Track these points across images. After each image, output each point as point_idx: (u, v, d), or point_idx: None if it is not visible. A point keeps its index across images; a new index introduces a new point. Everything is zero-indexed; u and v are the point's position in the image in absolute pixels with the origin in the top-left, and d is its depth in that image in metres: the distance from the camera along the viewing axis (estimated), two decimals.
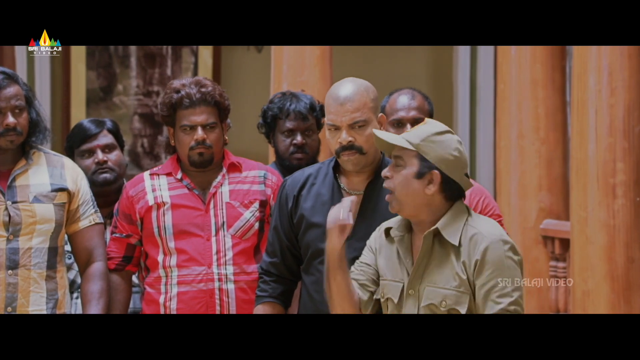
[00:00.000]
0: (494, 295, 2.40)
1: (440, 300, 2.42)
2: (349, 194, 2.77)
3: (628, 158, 3.73)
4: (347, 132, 2.70)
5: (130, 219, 3.07)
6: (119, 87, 6.02)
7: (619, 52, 3.72)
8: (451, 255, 2.44)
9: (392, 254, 2.53)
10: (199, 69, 6.01)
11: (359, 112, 2.71)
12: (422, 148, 2.48)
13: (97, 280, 2.96)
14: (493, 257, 2.41)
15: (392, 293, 2.50)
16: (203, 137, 3.02)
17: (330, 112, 2.73)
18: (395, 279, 2.51)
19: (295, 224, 2.81)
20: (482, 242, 2.43)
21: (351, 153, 2.72)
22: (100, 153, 3.28)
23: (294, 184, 2.84)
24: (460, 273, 2.43)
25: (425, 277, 2.46)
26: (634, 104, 3.76)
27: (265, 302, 2.83)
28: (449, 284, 2.43)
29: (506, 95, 4.47)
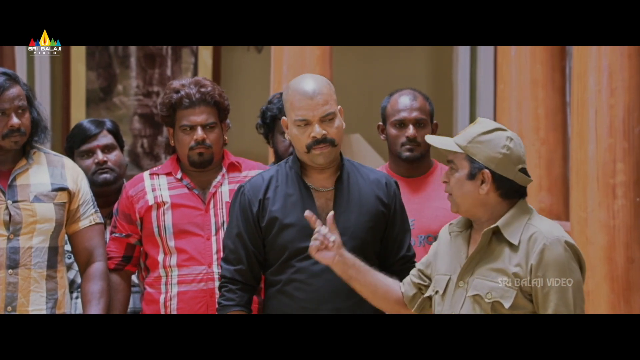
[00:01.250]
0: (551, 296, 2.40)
1: (487, 292, 2.43)
2: (318, 191, 2.79)
3: (628, 158, 3.73)
4: (319, 125, 2.73)
5: (130, 218, 3.07)
6: (119, 88, 6.02)
7: (619, 52, 3.72)
8: (507, 253, 2.45)
9: (448, 250, 2.56)
10: (198, 70, 6.01)
11: (328, 104, 2.74)
12: (469, 149, 2.49)
13: (97, 280, 2.96)
14: (550, 257, 2.41)
15: (439, 285, 2.54)
16: (203, 137, 3.02)
17: (299, 107, 2.73)
18: (445, 273, 2.53)
19: (264, 227, 2.79)
20: (540, 241, 2.42)
21: (325, 146, 2.74)
22: (100, 153, 3.28)
23: (256, 189, 2.82)
24: (512, 270, 2.43)
25: (476, 270, 2.47)
26: (634, 104, 3.76)
27: (233, 311, 2.81)
28: (498, 278, 2.43)
29: (506, 95, 4.47)
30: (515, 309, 2.42)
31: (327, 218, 2.62)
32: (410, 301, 2.62)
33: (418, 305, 2.62)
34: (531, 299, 2.44)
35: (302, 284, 2.74)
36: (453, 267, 2.52)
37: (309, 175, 2.81)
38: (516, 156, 2.50)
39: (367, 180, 2.83)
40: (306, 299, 2.72)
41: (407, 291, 2.63)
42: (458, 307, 2.48)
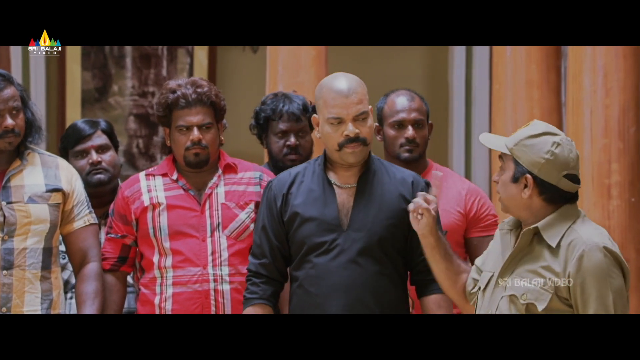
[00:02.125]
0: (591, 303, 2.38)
1: (522, 293, 2.43)
2: (341, 188, 2.80)
3: (623, 159, 3.74)
4: (352, 124, 2.74)
5: (125, 219, 3.07)
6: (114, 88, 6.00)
7: (614, 52, 3.72)
8: (546, 255, 2.44)
9: (497, 247, 2.56)
10: (194, 70, 6.00)
11: (362, 104, 2.76)
12: (515, 152, 2.48)
13: (91, 280, 2.95)
14: (589, 264, 2.38)
15: (482, 281, 2.54)
16: (199, 138, 3.01)
17: (333, 105, 2.74)
18: (490, 270, 2.53)
19: (287, 222, 2.82)
20: (579, 248, 2.40)
21: (357, 145, 2.76)
22: (95, 154, 3.27)
23: (281, 184, 2.85)
24: (549, 273, 2.42)
25: (516, 270, 2.47)
26: (629, 104, 3.76)
27: (256, 304, 2.83)
28: (534, 280, 2.43)
29: (501, 95, 4.47)
30: (549, 312, 2.41)
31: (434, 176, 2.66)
32: (469, 295, 2.62)
33: (474, 298, 2.61)
34: (568, 303, 2.42)
35: (317, 279, 2.75)
36: (497, 265, 2.52)
37: (334, 172, 2.83)
38: (561, 162, 2.45)
39: (393, 179, 2.84)
40: (319, 294, 2.73)
41: (468, 284, 2.63)
42: (495, 305, 2.48)
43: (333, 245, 2.75)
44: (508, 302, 2.45)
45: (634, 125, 3.78)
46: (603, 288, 2.38)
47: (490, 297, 2.50)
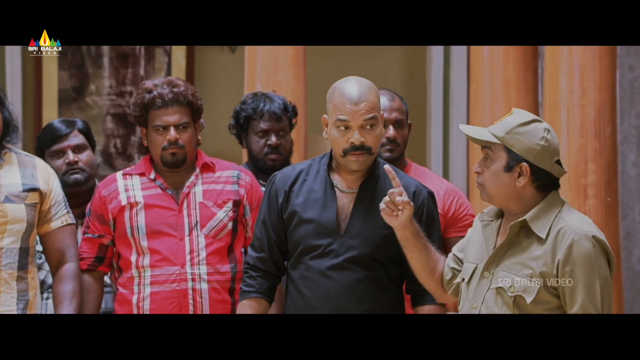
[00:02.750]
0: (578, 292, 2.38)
1: (510, 285, 2.42)
2: (342, 192, 2.77)
3: (599, 159, 3.77)
4: (359, 132, 2.70)
5: (102, 219, 3.05)
6: (92, 87, 5.97)
7: (590, 53, 3.75)
8: (534, 246, 2.44)
9: (478, 238, 2.55)
10: (172, 69, 5.98)
11: (372, 112, 2.71)
12: (507, 141, 2.46)
13: (69, 281, 2.94)
14: (578, 253, 2.38)
15: (466, 273, 2.53)
16: (176, 138, 3.01)
17: (342, 111, 2.70)
18: (473, 261, 2.52)
19: (286, 219, 2.80)
20: (568, 236, 2.40)
21: (361, 154, 2.72)
22: (71, 153, 3.26)
23: (285, 179, 2.83)
24: (538, 264, 2.42)
25: (502, 262, 2.46)
26: (605, 104, 3.79)
27: (252, 297, 2.82)
28: (522, 271, 2.42)
29: (479, 95, 4.49)
30: (537, 303, 2.41)
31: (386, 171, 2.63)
32: (447, 283, 2.62)
33: (454, 289, 2.61)
34: (557, 293, 2.42)
35: (311, 282, 2.74)
36: (480, 256, 2.51)
37: (338, 174, 2.80)
38: (553, 148, 2.48)
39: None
40: (313, 297, 2.72)
41: (446, 273, 2.62)
42: (480, 298, 2.47)
43: (328, 250, 2.73)
44: (495, 294, 2.44)
45: (610, 125, 3.81)
46: (591, 277, 2.39)
47: (475, 289, 2.49)
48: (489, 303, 2.45)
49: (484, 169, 2.49)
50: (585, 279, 2.38)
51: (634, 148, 5.55)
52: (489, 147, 2.48)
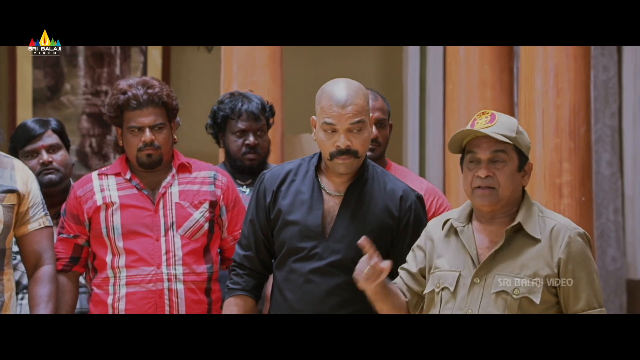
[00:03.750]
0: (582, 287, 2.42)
1: (513, 288, 2.42)
2: (329, 194, 2.76)
3: (574, 158, 3.79)
4: (345, 135, 2.68)
5: (77, 219, 3.04)
6: (67, 87, 5.94)
7: (565, 53, 3.77)
8: (529, 247, 2.44)
9: (450, 245, 2.52)
10: (148, 69, 5.95)
11: (359, 116, 2.68)
12: (518, 140, 2.48)
13: (45, 283, 2.91)
14: (576, 250, 2.43)
15: (448, 282, 2.49)
16: (151, 139, 3.00)
17: (329, 114, 2.68)
18: (452, 269, 2.49)
19: (272, 219, 2.79)
20: (564, 234, 2.44)
21: (347, 157, 2.70)
22: (45, 154, 3.24)
23: (273, 179, 2.81)
24: (537, 264, 2.43)
25: (494, 266, 2.45)
26: (579, 104, 3.81)
27: (238, 295, 2.81)
28: (522, 273, 2.42)
29: (455, 95, 4.50)
30: (542, 304, 2.42)
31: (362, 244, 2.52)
32: (414, 307, 2.60)
33: (419, 308, 2.60)
34: (555, 292, 2.43)
35: (293, 285, 2.72)
36: (460, 263, 2.49)
37: (326, 176, 2.78)
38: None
39: (382, 191, 2.77)
40: (295, 300, 2.69)
41: (411, 300, 2.60)
42: (476, 304, 2.45)
43: (312, 253, 2.72)
44: (495, 299, 2.42)
45: (585, 125, 3.84)
46: (591, 273, 2.44)
47: (467, 297, 2.46)
48: (488, 308, 2.44)
49: (495, 172, 2.46)
50: (586, 275, 2.43)
51: (608, 148, 5.59)
52: (502, 150, 2.47)
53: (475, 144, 2.49)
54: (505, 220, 2.48)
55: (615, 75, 5.61)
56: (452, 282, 2.49)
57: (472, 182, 2.48)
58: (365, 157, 2.77)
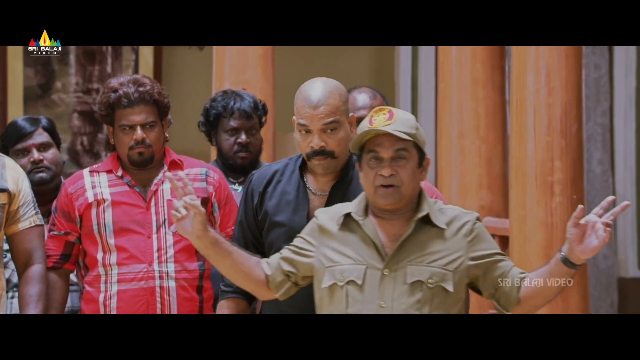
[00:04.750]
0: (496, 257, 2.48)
1: (427, 277, 2.43)
2: (314, 194, 2.75)
3: (565, 157, 3.79)
4: (319, 136, 2.66)
5: (69, 216, 3.03)
6: (58, 85, 5.92)
7: (557, 52, 3.78)
8: (435, 236, 2.46)
9: (349, 239, 2.50)
10: (139, 67, 5.95)
11: (332, 116, 2.66)
12: (417, 137, 2.48)
13: (35, 283, 2.90)
14: (480, 231, 2.49)
15: (354, 275, 2.46)
16: (142, 137, 2.99)
17: (302, 114, 2.67)
18: (357, 262, 2.47)
19: (260, 220, 2.78)
20: (464, 219, 2.49)
21: (322, 158, 2.68)
22: (36, 152, 3.23)
23: (260, 180, 2.80)
24: (445, 252, 2.45)
25: (403, 257, 2.45)
26: (571, 103, 3.82)
27: (230, 297, 2.79)
28: (435, 262, 2.44)
29: (447, 94, 4.51)
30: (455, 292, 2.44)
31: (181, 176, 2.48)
32: (276, 286, 2.54)
33: (285, 291, 2.55)
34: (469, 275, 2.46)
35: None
36: (365, 256, 2.47)
37: (312, 176, 2.76)
38: None
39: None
40: (282, 303, 2.65)
41: (274, 276, 2.54)
42: (389, 296, 2.44)
43: None
44: (410, 289, 2.42)
45: (576, 123, 3.84)
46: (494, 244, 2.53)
47: (378, 289, 2.44)
48: (401, 299, 2.43)
49: (397, 169, 2.46)
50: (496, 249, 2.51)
51: (600, 146, 5.61)
52: (404, 148, 2.46)
53: (377, 143, 2.46)
54: (406, 214, 2.49)
55: (607, 73, 5.63)
56: (359, 275, 2.46)
57: (374, 180, 2.47)
58: (350, 156, 2.76)
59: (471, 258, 2.47)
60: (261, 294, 2.59)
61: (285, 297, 2.57)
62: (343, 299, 2.47)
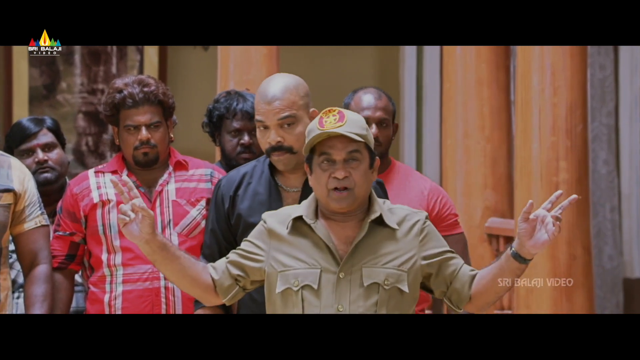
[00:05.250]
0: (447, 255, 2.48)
1: (384, 279, 2.42)
2: (287, 191, 2.73)
3: (570, 156, 3.80)
4: (275, 131, 2.64)
5: (74, 216, 3.03)
6: (63, 85, 5.93)
7: (562, 52, 3.78)
8: (387, 237, 2.45)
9: (299, 242, 2.47)
10: (144, 67, 5.95)
11: (288, 110, 2.64)
12: (368, 138, 2.46)
13: (41, 283, 2.91)
14: (430, 230, 2.49)
15: (310, 279, 2.43)
16: (147, 137, 2.99)
17: (258, 110, 2.66)
18: (311, 266, 2.44)
19: (233, 225, 2.75)
20: (415, 219, 2.48)
21: (281, 153, 2.66)
22: (40, 152, 3.23)
23: (230, 184, 2.78)
24: (400, 252, 2.44)
25: (357, 259, 2.43)
26: (576, 103, 3.82)
27: (203, 307, 2.76)
28: (389, 263, 2.43)
29: (452, 94, 4.51)
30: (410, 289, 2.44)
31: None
32: (224, 291, 2.51)
33: (232, 296, 2.52)
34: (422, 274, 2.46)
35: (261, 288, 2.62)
36: (318, 259, 2.44)
37: (282, 174, 2.74)
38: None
39: None
40: (263, 303, 2.59)
41: (221, 281, 2.50)
42: (345, 299, 2.42)
43: None
44: (366, 291, 2.41)
45: (581, 123, 3.84)
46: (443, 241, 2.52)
47: (334, 292, 2.42)
48: (358, 302, 2.41)
49: (350, 171, 2.43)
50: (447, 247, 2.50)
51: (605, 146, 5.60)
52: (356, 150, 2.44)
53: (329, 145, 2.43)
54: (357, 216, 2.47)
55: (612, 73, 5.62)
56: (314, 279, 2.43)
57: (327, 183, 2.44)
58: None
59: (423, 257, 2.46)
60: (207, 299, 2.54)
61: (231, 302, 2.53)
62: (299, 303, 2.44)
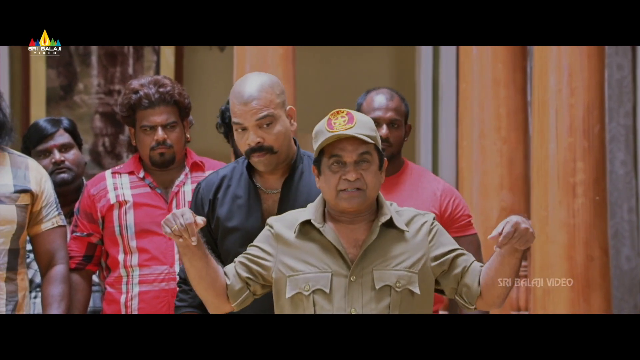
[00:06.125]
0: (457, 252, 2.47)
1: (395, 281, 2.41)
2: (266, 193, 2.68)
3: (588, 157, 3.78)
4: (254, 132, 2.58)
5: (91, 217, 3.05)
6: (80, 86, 5.96)
7: (579, 52, 3.76)
8: (397, 239, 2.45)
9: (308, 247, 2.45)
10: (160, 68, 5.97)
11: (265, 110, 2.58)
12: (377, 139, 2.46)
13: (58, 283, 2.92)
14: (439, 231, 2.48)
15: (321, 284, 2.42)
16: (163, 138, 3.00)
17: (234, 112, 2.60)
18: (322, 270, 2.43)
19: (214, 229, 2.70)
20: (422, 220, 2.48)
21: (261, 154, 2.60)
22: (57, 153, 3.24)
23: (209, 188, 2.72)
24: (409, 255, 2.44)
25: (368, 262, 2.43)
26: (593, 103, 3.80)
27: (185, 312, 2.75)
28: (400, 265, 2.43)
29: (468, 94, 4.49)
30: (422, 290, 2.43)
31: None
32: (234, 294, 2.48)
33: (242, 300, 2.50)
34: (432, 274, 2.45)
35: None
36: (329, 263, 2.43)
37: (260, 175, 2.69)
38: None
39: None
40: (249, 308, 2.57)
41: (233, 284, 2.47)
42: (358, 303, 2.41)
43: None
44: (378, 294, 2.40)
45: (599, 123, 3.82)
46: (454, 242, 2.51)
47: (346, 296, 2.41)
48: (370, 305, 2.41)
49: (362, 173, 2.42)
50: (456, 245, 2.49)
51: (622, 147, 5.57)
52: (367, 152, 2.43)
53: (340, 147, 2.42)
54: (366, 218, 2.46)
55: (630, 74, 5.59)
56: (325, 283, 2.42)
57: (338, 185, 2.42)
58: (297, 150, 2.68)
59: (433, 257, 2.46)
60: (217, 305, 2.50)
61: (240, 307, 2.50)
62: (311, 308, 2.43)
